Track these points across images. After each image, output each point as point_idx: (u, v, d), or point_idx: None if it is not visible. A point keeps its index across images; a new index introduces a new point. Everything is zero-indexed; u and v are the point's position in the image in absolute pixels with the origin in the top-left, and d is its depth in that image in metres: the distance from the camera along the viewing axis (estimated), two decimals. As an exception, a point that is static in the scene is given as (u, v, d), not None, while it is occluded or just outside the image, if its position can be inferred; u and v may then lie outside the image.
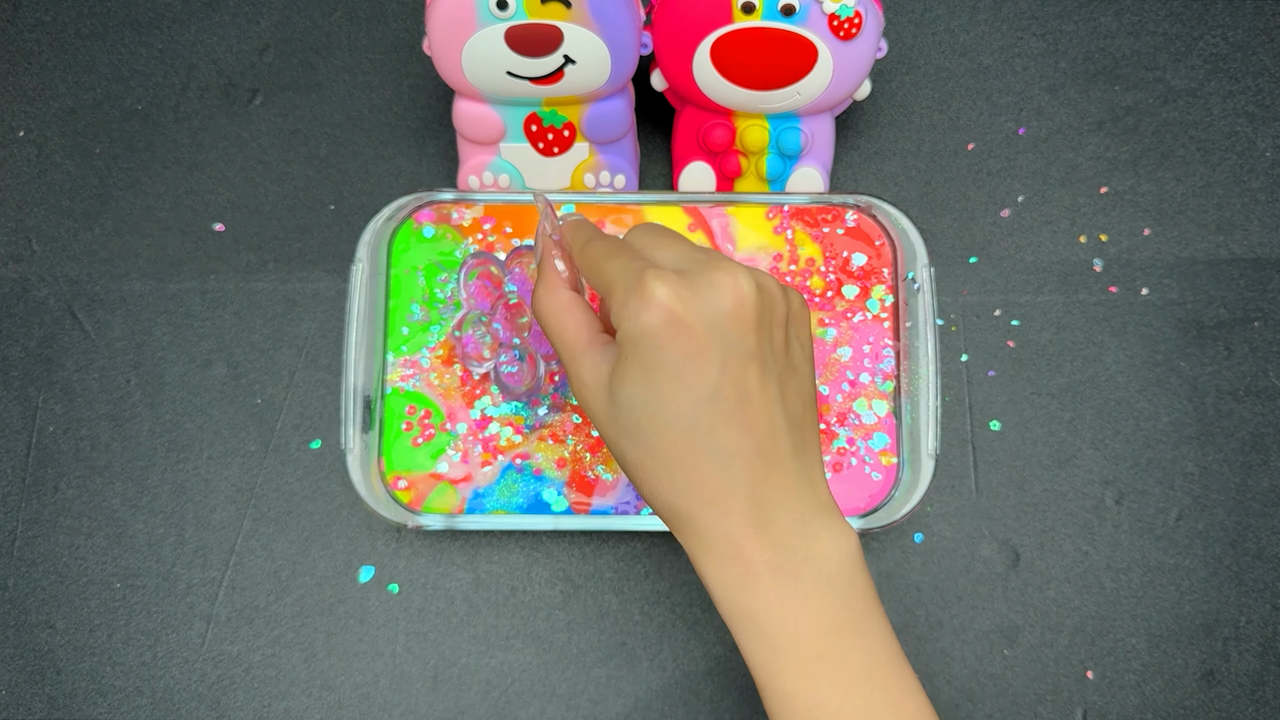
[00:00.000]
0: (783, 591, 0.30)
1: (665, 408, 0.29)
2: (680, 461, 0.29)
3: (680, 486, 0.30)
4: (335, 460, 0.47)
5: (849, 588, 0.30)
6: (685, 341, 0.29)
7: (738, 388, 0.29)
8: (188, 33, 0.51)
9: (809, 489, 0.31)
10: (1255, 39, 0.51)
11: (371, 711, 0.44)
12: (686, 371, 0.29)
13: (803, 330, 0.32)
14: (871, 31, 0.41)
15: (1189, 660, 0.45)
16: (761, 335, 0.30)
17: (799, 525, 0.30)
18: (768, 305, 0.30)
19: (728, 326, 0.29)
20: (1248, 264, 0.49)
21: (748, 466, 0.29)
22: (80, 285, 0.48)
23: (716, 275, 0.29)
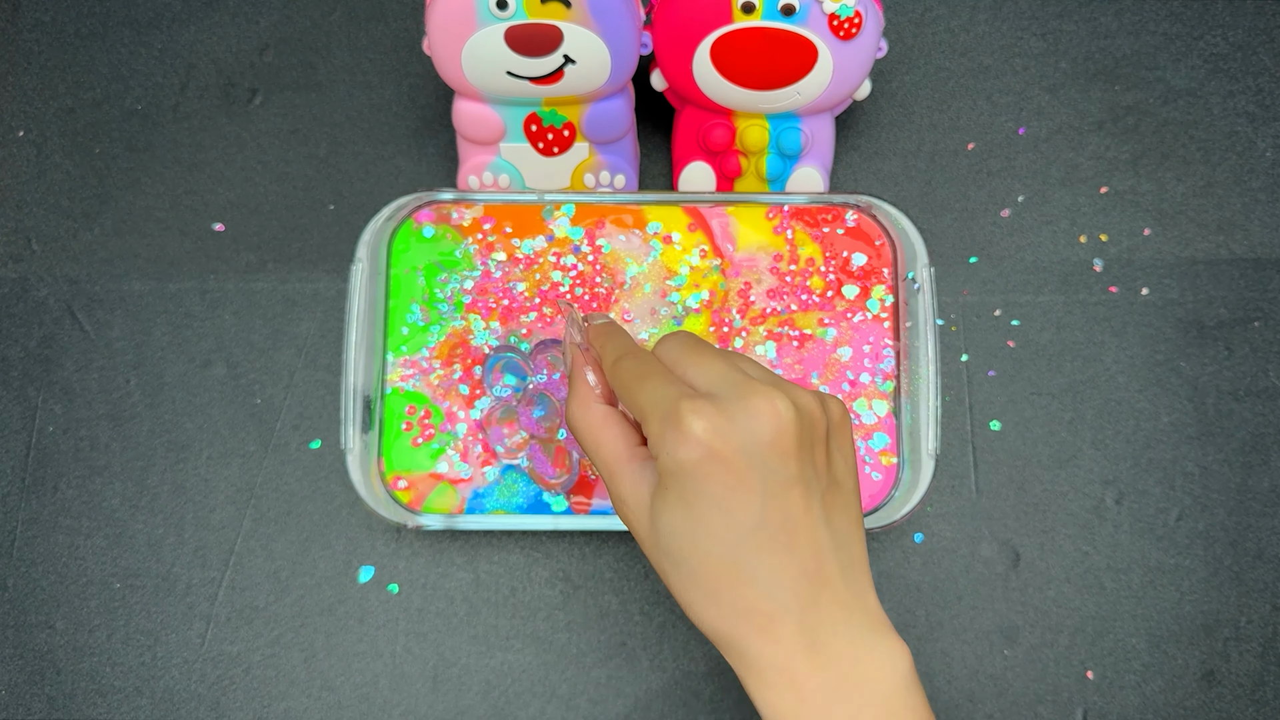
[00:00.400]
0: (834, 710, 0.29)
1: (707, 539, 0.29)
2: (725, 591, 0.29)
3: (727, 614, 0.29)
4: (335, 460, 0.47)
5: (904, 708, 0.29)
6: (725, 474, 0.28)
7: (782, 515, 0.29)
8: (187, 33, 0.51)
9: (860, 607, 0.30)
10: (1255, 39, 0.51)
11: (371, 712, 0.44)
12: (729, 503, 0.28)
13: (844, 441, 0.31)
14: (871, 31, 0.41)
15: (1189, 660, 0.45)
16: (803, 459, 0.29)
17: (851, 647, 0.29)
18: (808, 427, 0.30)
19: (768, 456, 0.28)
20: (1248, 264, 0.49)
21: (795, 592, 0.29)
22: (80, 285, 0.48)
23: (754, 402, 0.29)
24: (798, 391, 0.30)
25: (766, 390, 0.29)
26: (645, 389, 0.30)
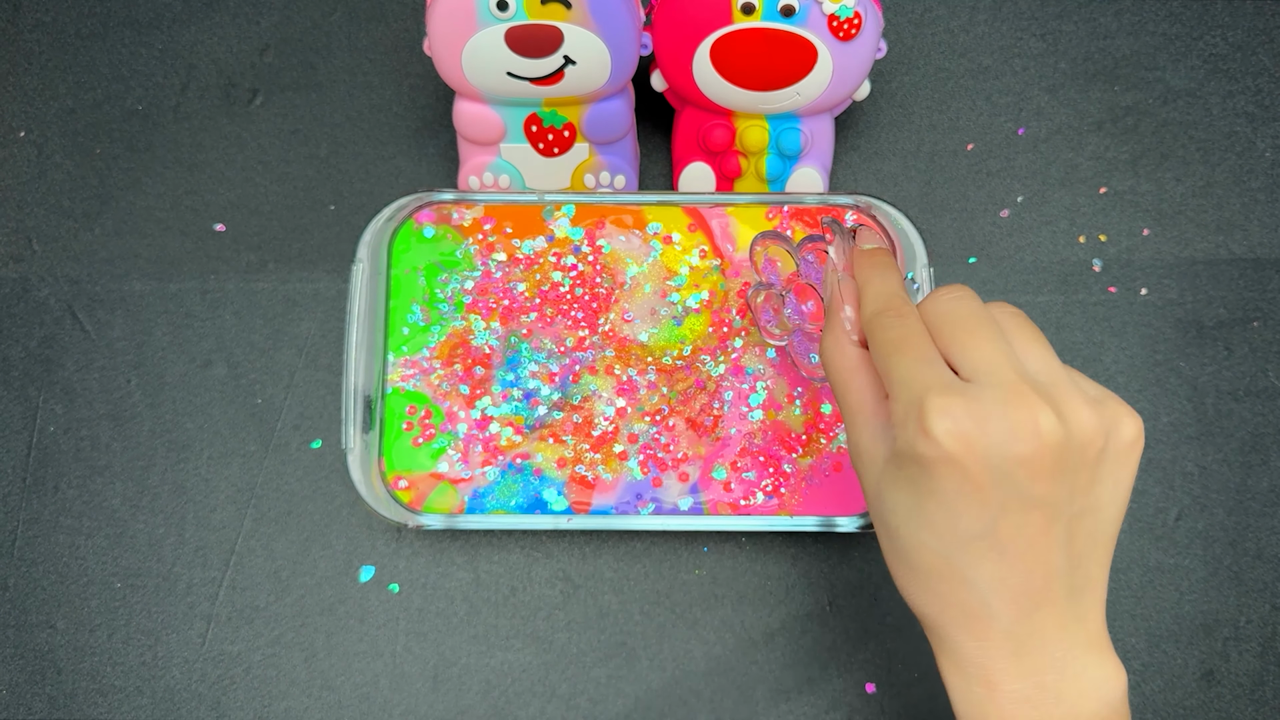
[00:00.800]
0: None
1: (928, 531, 0.27)
2: (936, 582, 0.28)
3: (933, 600, 0.28)
4: (335, 460, 0.47)
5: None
6: (961, 480, 0.26)
7: (1014, 532, 0.26)
8: (188, 33, 0.51)
9: (1079, 628, 0.28)
10: (1255, 39, 0.51)
11: (371, 711, 0.44)
12: (958, 506, 0.26)
13: (1121, 469, 0.28)
14: (871, 32, 0.41)
15: (1188, 660, 0.45)
16: (1058, 482, 0.26)
17: (1057, 663, 0.28)
18: (1076, 450, 0.26)
19: (1016, 473, 0.26)
20: (1247, 264, 0.49)
21: (1010, 604, 0.27)
22: (81, 285, 0.48)
23: (1016, 413, 0.25)
24: (1077, 405, 0.26)
25: (1034, 401, 0.26)
26: (898, 362, 0.27)
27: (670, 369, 0.43)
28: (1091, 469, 0.27)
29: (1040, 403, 0.26)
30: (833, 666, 0.45)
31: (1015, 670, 0.27)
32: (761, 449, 0.43)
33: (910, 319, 0.28)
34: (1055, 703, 0.27)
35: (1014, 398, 0.26)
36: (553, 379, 0.43)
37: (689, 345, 0.43)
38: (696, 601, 0.46)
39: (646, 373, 0.43)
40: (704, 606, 0.45)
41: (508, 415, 0.43)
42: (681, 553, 0.46)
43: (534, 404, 0.43)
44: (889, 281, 0.30)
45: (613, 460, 0.42)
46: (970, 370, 0.27)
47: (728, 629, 0.45)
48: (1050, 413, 0.26)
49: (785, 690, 0.45)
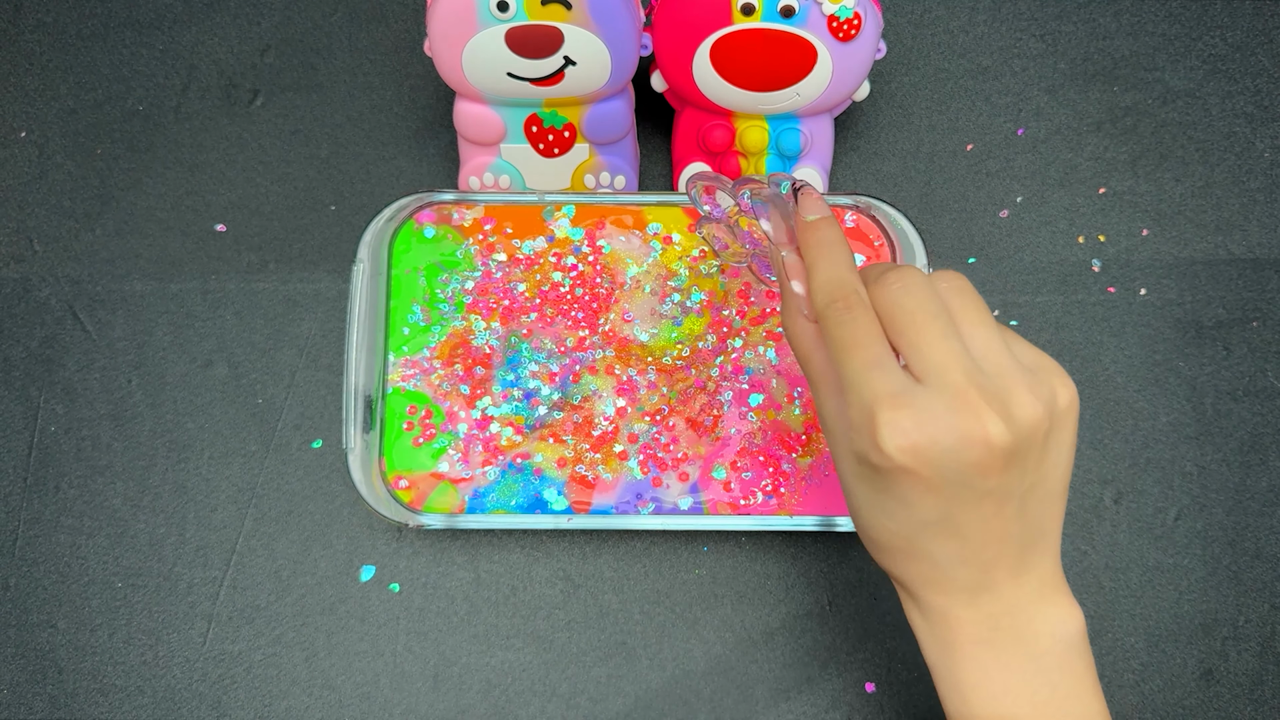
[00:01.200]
0: (985, 664, 0.29)
1: (887, 517, 0.29)
2: (898, 555, 0.30)
3: (896, 566, 0.30)
4: (336, 460, 0.47)
5: (1059, 670, 0.29)
6: (915, 483, 0.27)
7: (969, 517, 0.28)
8: (189, 33, 0.51)
9: (1033, 575, 0.30)
10: (1254, 40, 0.51)
11: (372, 710, 0.45)
12: (911, 498, 0.27)
13: (1064, 433, 0.29)
14: (870, 33, 0.41)
15: (1187, 659, 0.45)
16: (1009, 474, 0.27)
17: (1012, 607, 0.29)
18: (1023, 446, 0.27)
19: (968, 475, 0.27)
20: (1246, 264, 0.49)
21: (967, 569, 0.29)
22: (81, 285, 0.48)
23: (965, 424, 0.26)
24: (1022, 397, 0.27)
25: (983, 409, 0.26)
26: (849, 365, 0.27)
27: (670, 369, 0.43)
28: (1040, 449, 0.28)
29: (988, 410, 0.26)
30: (832, 666, 0.45)
31: (973, 616, 0.29)
32: (761, 449, 0.43)
33: (859, 313, 0.28)
34: (1013, 641, 0.29)
35: (963, 406, 0.26)
36: (553, 379, 0.43)
37: (689, 345, 0.43)
38: (696, 601, 0.46)
39: (646, 373, 0.43)
40: (704, 606, 0.46)
41: (508, 415, 0.43)
42: (681, 552, 0.46)
43: (534, 404, 0.43)
44: (836, 265, 0.30)
45: (613, 460, 0.43)
46: (920, 370, 0.27)
47: (728, 628, 0.45)
48: (998, 420, 0.26)
49: (785, 690, 0.45)
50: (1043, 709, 0.29)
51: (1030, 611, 0.29)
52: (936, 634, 0.30)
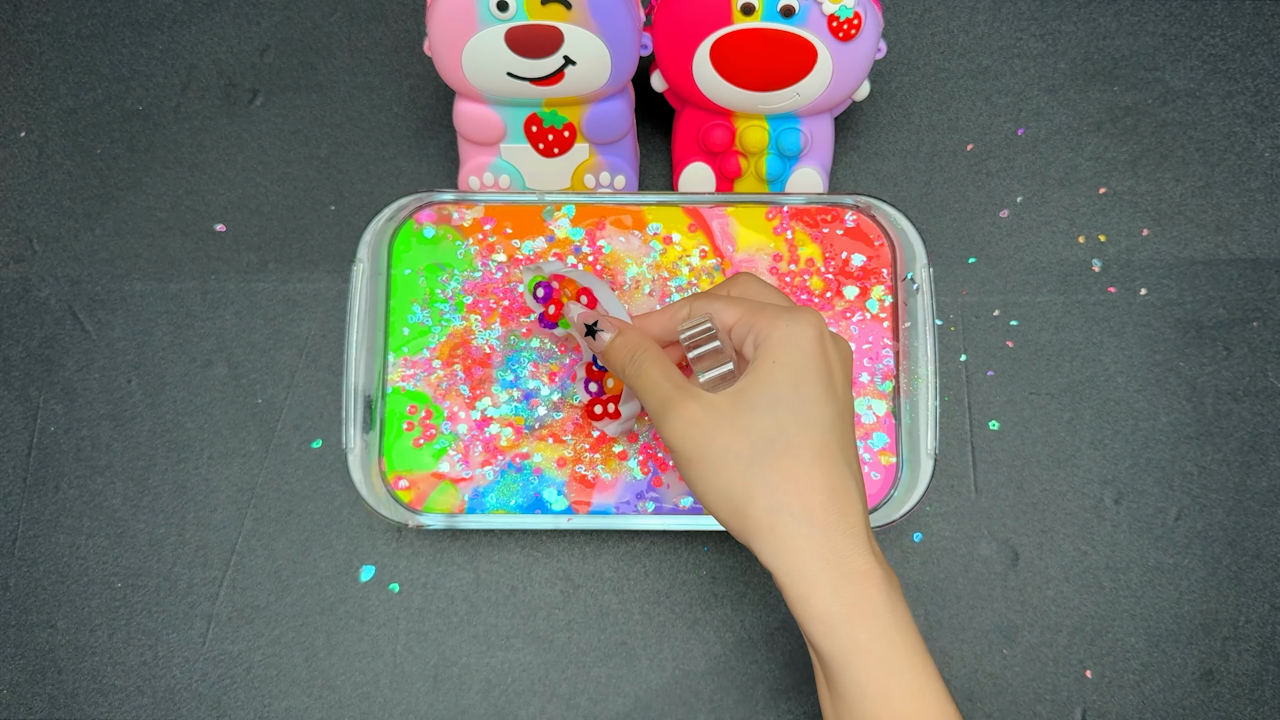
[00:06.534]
0: (891, 605, 0.31)
1: (811, 408, 0.32)
2: (820, 462, 0.32)
3: (816, 487, 0.32)
4: (336, 460, 0.47)
5: (909, 613, 0.33)
6: (826, 362, 0.33)
7: (849, 417, 0.34)
8: (188, 33, 0.51)
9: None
10: (1254, 40, 0.51)
11: (372, 710, 0.45)
12: (826, 384, 0.33)
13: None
14: (870, 32, 0.41)
15: (1188, 659, 0.45)
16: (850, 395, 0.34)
17: (879, 551, 0.33)
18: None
19: (846, 370, 0.34)
20: (1246, 264, 0.49)
21: (859, 485, 0.33)
22: (81, 285, 0.48)
23: (837, 335, 0.35)
24: None
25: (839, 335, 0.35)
26: (747, 303, 0.35)
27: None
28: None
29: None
30: (832, 666, 0.45)
31: (874, 557, 0.32)
32: (761, 449, 0.43)
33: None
34: (890, 580, 0.33)
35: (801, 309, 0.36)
36: (553, 379, 0.43)
37: (689, 345, 0.43)
38: (696, 601, 0.46)
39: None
40: (704, 606, 0.46)
41: (507, 415, 0.43)
42: (681, 552, 0.46)
43: (534, 404, 0.43)
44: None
45: (612, 460, 0.42)
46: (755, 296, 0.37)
47: (728, 629, 0.45)
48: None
49: (785, 689, 0.45)
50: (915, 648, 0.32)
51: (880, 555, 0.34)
52: (834, 578, 0.32)
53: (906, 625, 0.32)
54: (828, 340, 0.33)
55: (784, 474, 0.31)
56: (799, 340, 0.33)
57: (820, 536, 0.31)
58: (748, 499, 0.32)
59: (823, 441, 0.32)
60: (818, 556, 0.31)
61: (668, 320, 0.37)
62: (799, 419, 0.32)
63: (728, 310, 0.35)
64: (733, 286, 0.37)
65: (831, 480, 0.32)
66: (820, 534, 0.31)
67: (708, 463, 0.32)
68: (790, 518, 0.31)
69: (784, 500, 0.31)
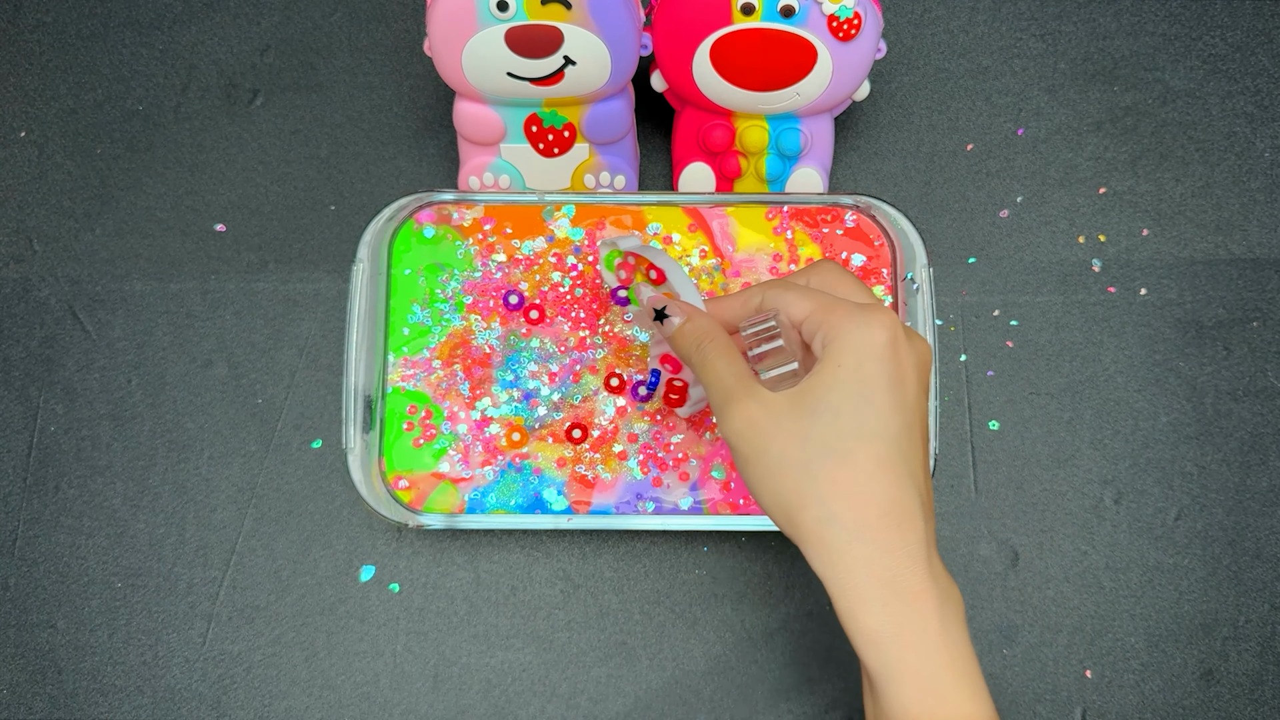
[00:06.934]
0: (944, 627, 0.30)
1: (876, 418, 0.31)
2: (880, 475, 0.30)
3: (871, 501, 0.30)
4: (336, 460, 0.47)
5: (966, 634, 0.31)
6: (898, 368, 0.31)
7: (920, 427, 0.32)
8: (188, 33, 0.51)
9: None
10: (1254, 40, 0.51)
11: (372, 710, 0.45)
12: (896, 392, 0.31)
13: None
14: (870, 32, 0.41)
15: (1188, 659, 0.45)
16: (926, 402, 0.33)
17: (942, 569, 0.31)
18: (930, 382, 0.35)
19: (921, 375, 0.32)
20: (1246, 264, 0.49)
21: (922, 499, 0.31)
22: (81, 285, 0.48)
23: (916, 334, 0.33)
24: None
25: (920, 335, 0.33)
26: (820, 295, 0.34)
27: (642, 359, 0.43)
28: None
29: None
30: (832, 666, 0.45)
31: (931, 574, 0.31)
32: (761, 449, 0.43)
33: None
34: (955, 604, 0.31)
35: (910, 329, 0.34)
36: (553, 379, 0.43)
37: (689, 345, 0.43)
38: (696, 601, 0.46)
39: (646, 372, 0.43)
40: (704, 606, 0.46)
41: (507, 415, 0.43)
42: (681, 552, 0.46)
43: (534, 404, 0.43)
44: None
45: (612, 460, 0.43)
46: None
47: (727, 628, 0.45)
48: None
49: (785, 689, 0.45)
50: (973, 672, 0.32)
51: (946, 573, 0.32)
52: (885, 597, 0.31)
53: (959, 649, 0.30)
54: (901, 344, 0.31)
55: (838, 485, 0.30)
56: (868, 344, 0.31)
57: (873, 552, 0.30)
58: (800, 506, 0.31)
59: (884, 453, 0.30)
60: (868, 572, 0.30)
61: (739, 307, 0.35)
62: (860, 429, 0.30)
63: (800, 303, 0.33)
64: (812, 275, 0.35)
65: (890, 494, 0.30)
66: (873, 549, 0.30)
67: (763, 465, 0.31)
68: (842, 530, 0.30)
69: (836, 511, 0.30)
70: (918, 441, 0.32)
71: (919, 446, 0.32)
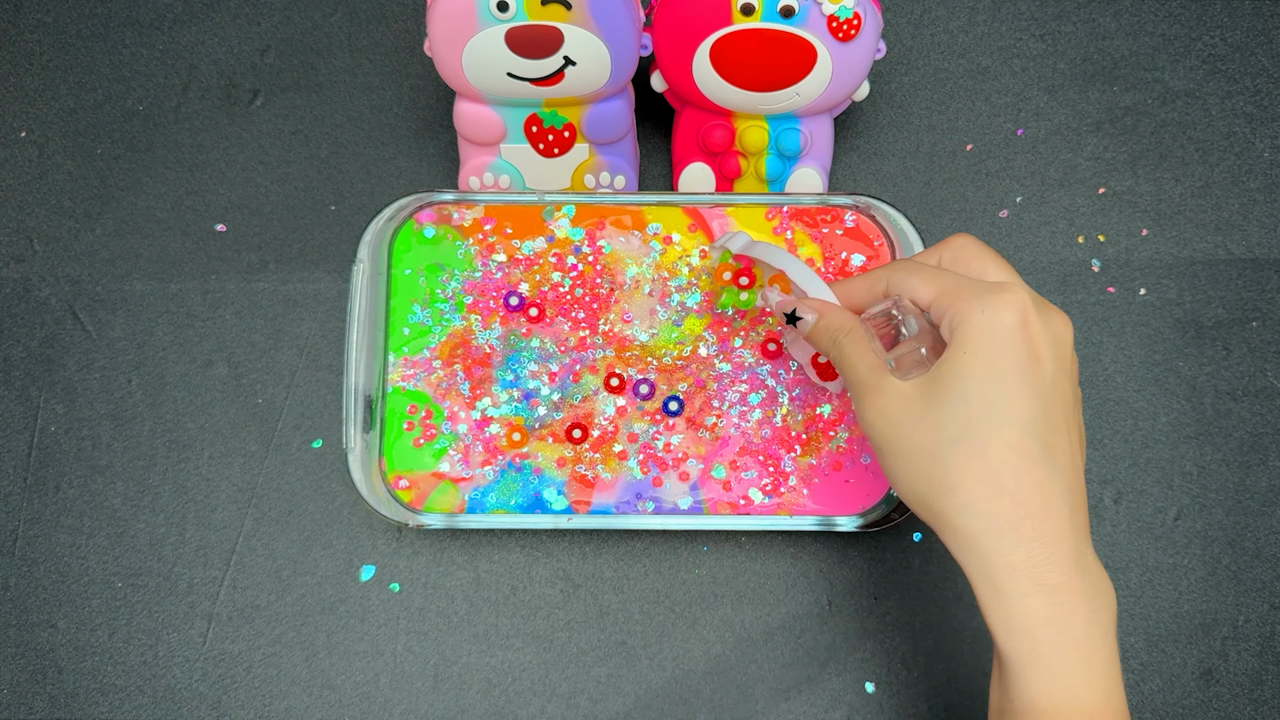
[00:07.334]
0: (1088, 624, 0.29)
1: (1006, 403, 0.30)
2: (1014, 462, 0.29)
3: (1006, 490, 0.29)
4: (336, 460, 0.47)
5: (1115, 634, 0.31)
6: (1030, 349, 0.30)
7: (1062, 409, 0.30)
8: (189, 34, 0.51)
9: (1089, 530, 0.31)
10: (1253, 40, 0.51)
11: (372, 710, 0.45)
12: (1029, 375, 0.30)
13: (1080, 413, 0.33)
14: (870, 33, 0.41)
15: (1187, 659, 0.45)
16: (1073, 380, 0.31)
17: (1095, 563, 0.30)
18: (1076, 362, 0.32)
19: (1060, 353, 0.31)
20: (1246, 264, 0.49)
21: (1069, 484, 0.30)
22: (82, 285, 0.49)
23: (1053, 310, 0.31)
24: None
25: (1059, 310, 0.32)
26: (949, 275, 0.32)
27: (670, 369, 0.43)
28: (1075, 390, 0.33)
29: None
30: (832, 665, 0.45)
31: (1079, 566, 0.30)
32: (760, 448, 0.43)
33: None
34: (1105, 602, 0.31)
35: (1047, 303, 0.33)
36: (553, 379, 0.43)
37: (689, 345, 0.43)
38: (696, 601, 0.46)
39: (646, 372, 0.43)
40: (704, 606, 0.46)
41: (507, 415, 0.43)
42: (681, 552, 0.46)
43: (534, 404, 0.43)
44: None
45: (612, 460, 0.43)
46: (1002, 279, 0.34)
47: (727, 628, 0.45)
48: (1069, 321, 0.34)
49: (785, 689, 0.45)
50: (1115, 674, 0.31)
51: (1101, 568, 0.31)
52: (1039, 607, 0.30)
53: (1099, 645, 0.29)
54: (1034, 324, 0.30)
55: (971, 474, 0.29)
56: (995, 328, 0.30)
57: (1008, 542, 0.29)
58: (934, 496, 0.30)
59: (1018, 440, 0.29)
60: (1005, 562, 0.29)
61: (865, 292, 0.35)
62: (989, 415, 0.29)
63: (925, 287, 0.32)
64: (944, 251, 0.34)
65: (1026, 482, 0.29)
66: (1009, 540, 0.29)
67: (896, 455, 0.31)
68: (976, 519, 0.29)
69: (969, 500, 0.29)
70: (1059, 425, 0.30)
71: (1061, 430, 0.30)
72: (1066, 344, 0.31)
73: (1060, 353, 0.31)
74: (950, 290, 0.31)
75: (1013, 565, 0.29)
